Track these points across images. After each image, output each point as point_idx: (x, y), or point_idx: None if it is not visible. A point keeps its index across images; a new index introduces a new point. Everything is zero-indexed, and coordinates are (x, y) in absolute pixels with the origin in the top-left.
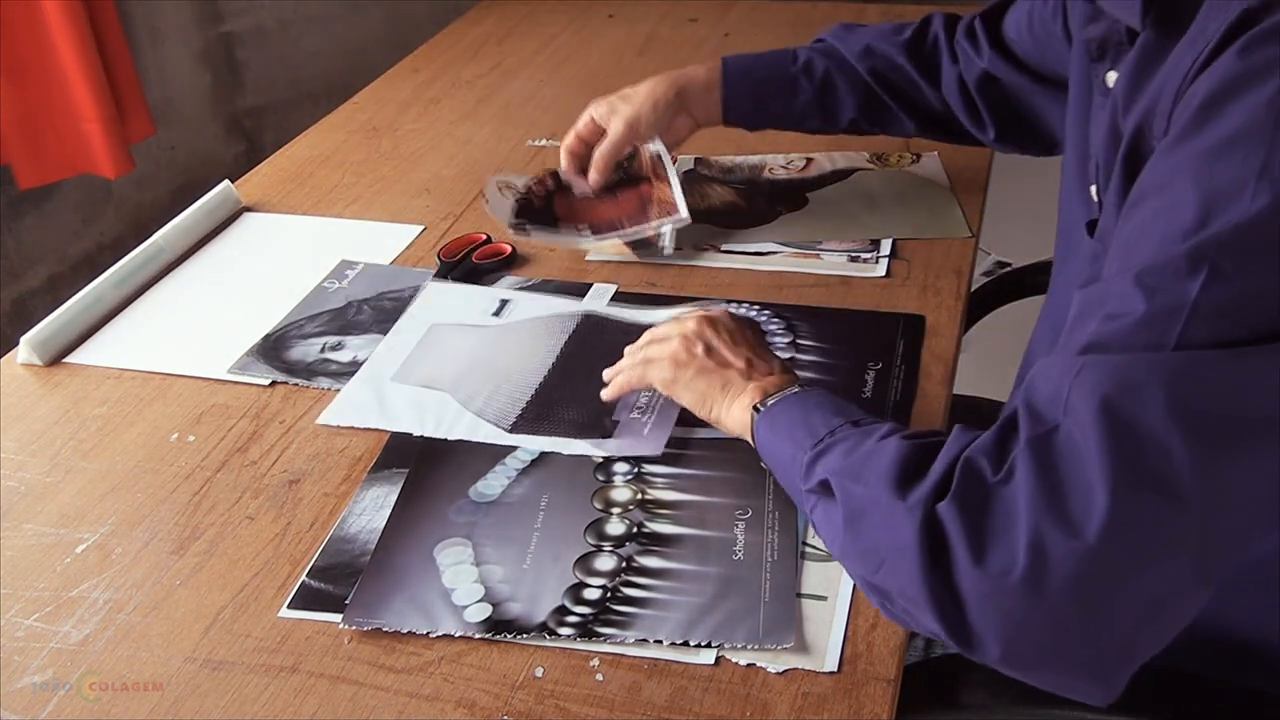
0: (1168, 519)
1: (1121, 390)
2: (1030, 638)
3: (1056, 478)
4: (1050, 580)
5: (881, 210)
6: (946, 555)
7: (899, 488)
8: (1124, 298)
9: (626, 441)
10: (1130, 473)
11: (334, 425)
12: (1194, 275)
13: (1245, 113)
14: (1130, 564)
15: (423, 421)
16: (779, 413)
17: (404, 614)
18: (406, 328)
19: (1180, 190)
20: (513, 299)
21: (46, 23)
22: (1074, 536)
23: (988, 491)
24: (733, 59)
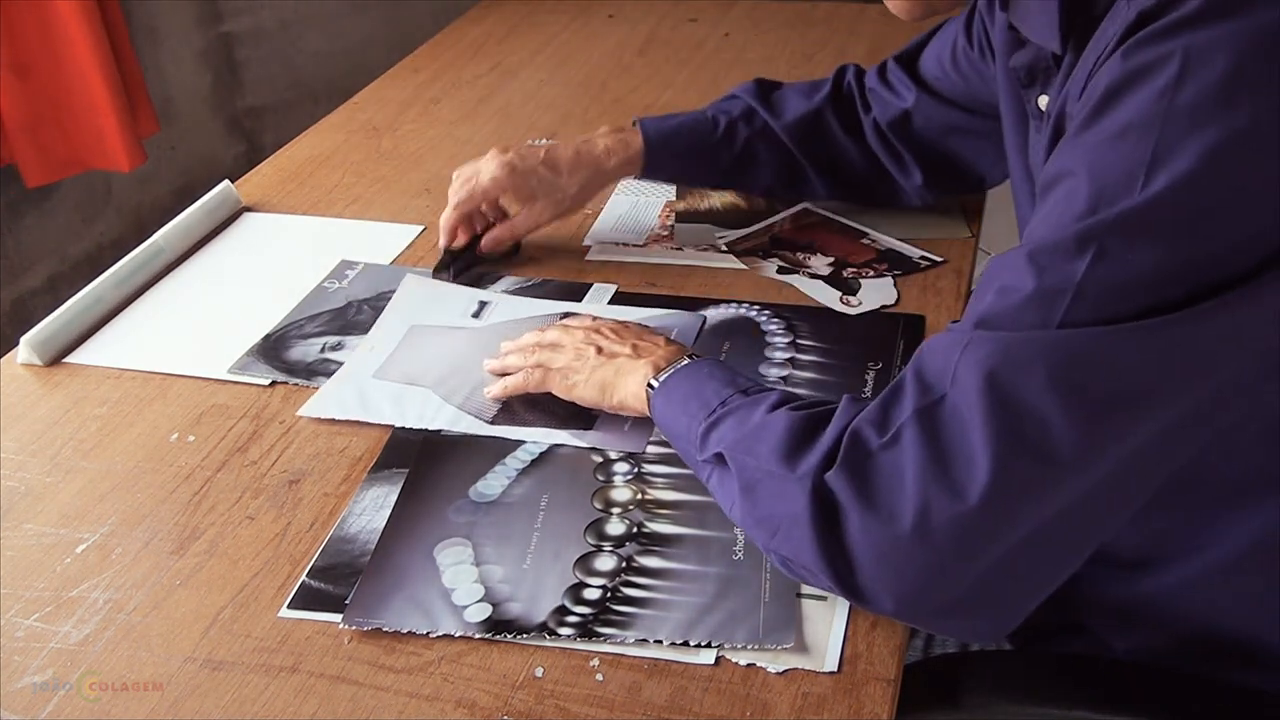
0: (1046, 484)
1: (1005, 364)
2: (920, 590)
3: (941, 446)
4: (936, 539)
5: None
6: (837, 520)
7: (789, 459)
8: (1016, 274)
9: (607, 436)
10: (1011, 442)
11: (315, 417)
12: (1081, 256)
13: (1136, 105)
14: (1009, 525)
15: (404, 414)
16: (672, 386)
17: (404, 614)
18: (387, 327)
19: (1077, 178)
20: (492, 301)
21: (59, 19)
22: (958, 500)
23: (873, 457)
24: (649, 127)
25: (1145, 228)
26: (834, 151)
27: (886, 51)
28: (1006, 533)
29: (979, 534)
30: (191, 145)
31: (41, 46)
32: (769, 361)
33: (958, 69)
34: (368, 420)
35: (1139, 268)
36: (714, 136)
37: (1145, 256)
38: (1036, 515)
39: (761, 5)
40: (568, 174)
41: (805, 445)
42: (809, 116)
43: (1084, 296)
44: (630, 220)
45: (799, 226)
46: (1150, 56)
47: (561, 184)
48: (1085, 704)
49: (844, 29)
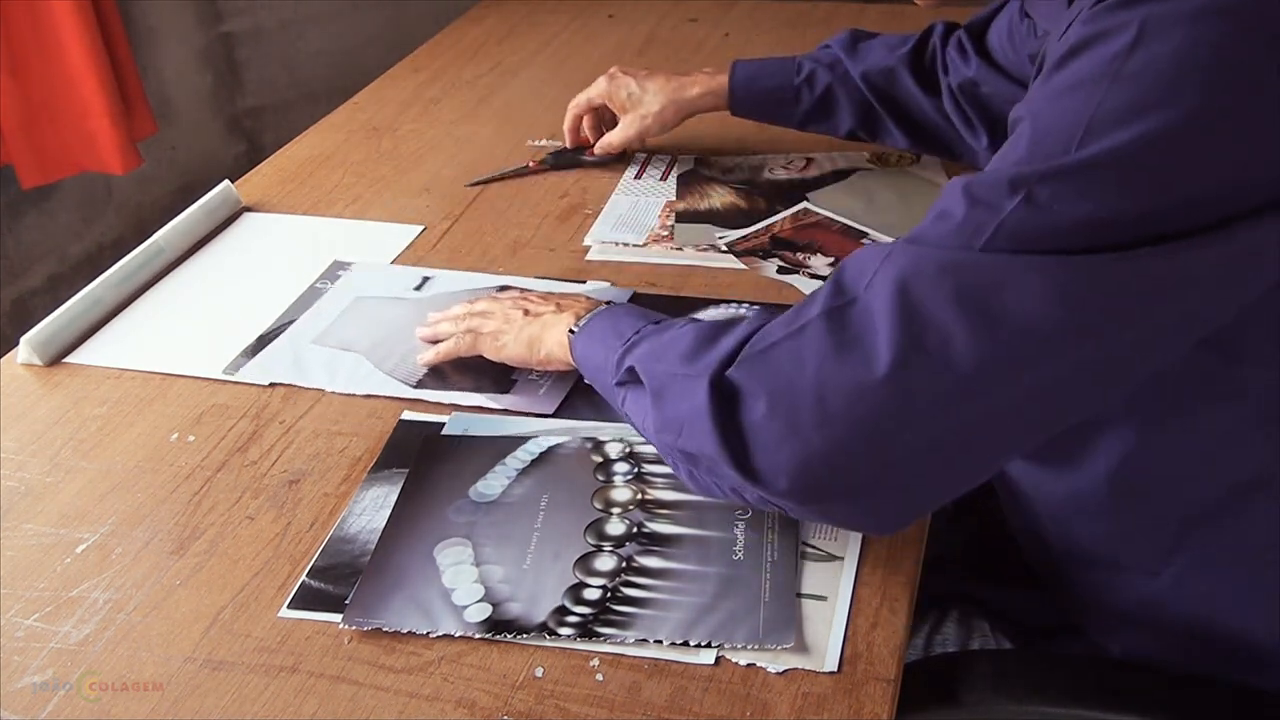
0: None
1: (918, 275)
2: (814, 471)
3: (847, 338)
4: (833, 416)
5: (881, 210)
6: (736, 406)
7: (692, 359)
8: (951, 201)
9: (522, 399)
10: (912, 343)
11: (248, 382)
12: (1010, 197)
13: (1088, 65)
14: (906, 412)
15: (334, 379)
16: (591, 328)
17: (404, 614)
18: (332, 299)
19: (1024, 124)
20: (434, 275)
21: (53, 20)
22: (859, 380)
23: (775, 347)
24: (740, 67)
25: (1072, 183)
26: (908, 106)
27: None
28: (900, 423)
29: (877, 413)
30: (191, 145)
31: (36, 48)
32: None
33: (1013, 44)
34: (299, 384)
35: (1060, 219)
36: (796, 78)
37: (1067, 209)
38: (931, 418)
39: (761, 5)
40: (653, 92)
41: (710, 345)
42: (886, 70)
43: (1004, 233)
44: (630, 220)
45: (799, 226)
46: (1111, 22)
47: (646, 100)
48: (1085, 704)
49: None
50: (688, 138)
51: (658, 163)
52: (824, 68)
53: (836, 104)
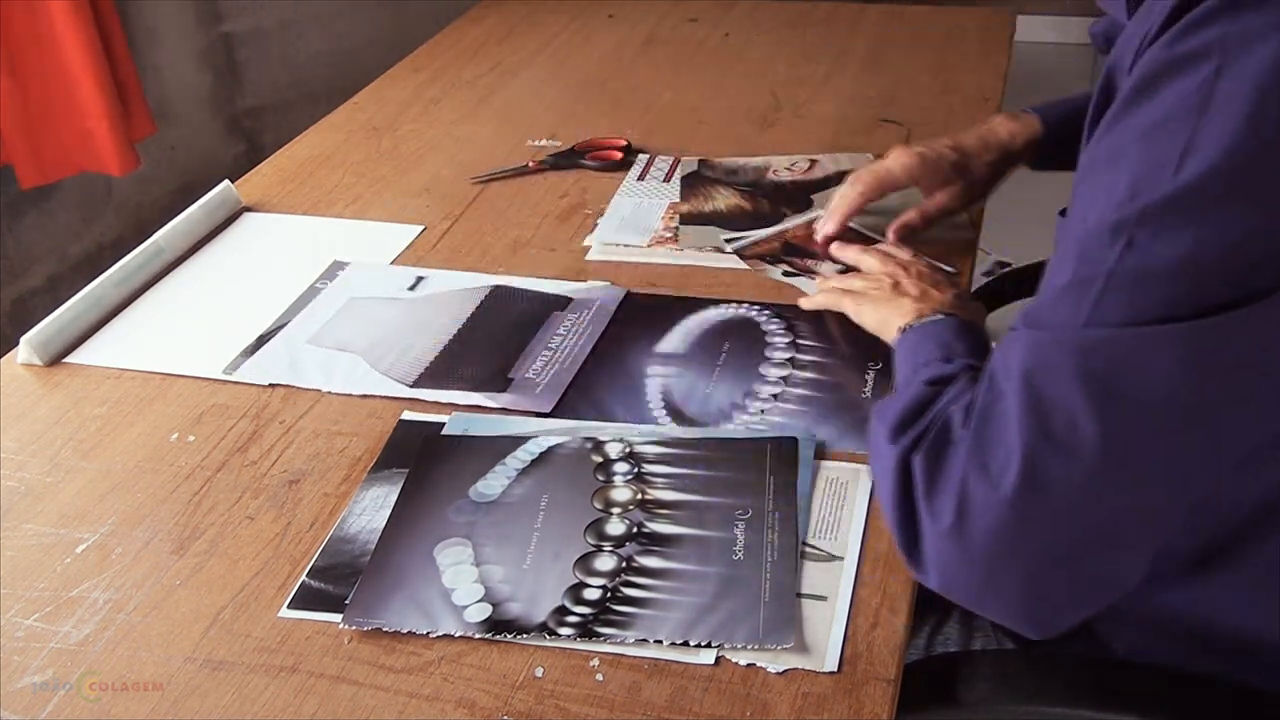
0: (1073, 478)
1: (1040, 363)
2: (957, 577)
3: (986, 439)
4: (971, 528)
5: (886, 211)
6: (910, 496)
7: (894, 432)
8: (1059, 266)
9: (520, 397)
10: (1040, 437)
11: (248, 382)
12: (1113, 246)
13: (1175, 96)
14: (1038, 519)
15: (330, 379)
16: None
17: (404, 614)
18: (327, 300)
19: (1117, 168)
20: (429, 275)
21: (51, 21)
22: (993, 490)
23: (948, 446)
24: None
25: (1170, 217)
26: None
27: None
28: (1038, 527)
29: (1011, 526)
30: (191, 145)
31: (35, 48)
32: (769, 361)
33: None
34: (297, 384)
35: (1167, 258)
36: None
37: (1172, 247)
38: (1067, 512)
39: (761, 5)
40: (977, 155)
41: (912, 422)
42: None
43: (1114, 286)
44: (634, 222)
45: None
46: (1192, 45)
47: (973, 166)
48: (1085, 703)
49: (844, 29)
50: (690, 140)
51: (660, 165)
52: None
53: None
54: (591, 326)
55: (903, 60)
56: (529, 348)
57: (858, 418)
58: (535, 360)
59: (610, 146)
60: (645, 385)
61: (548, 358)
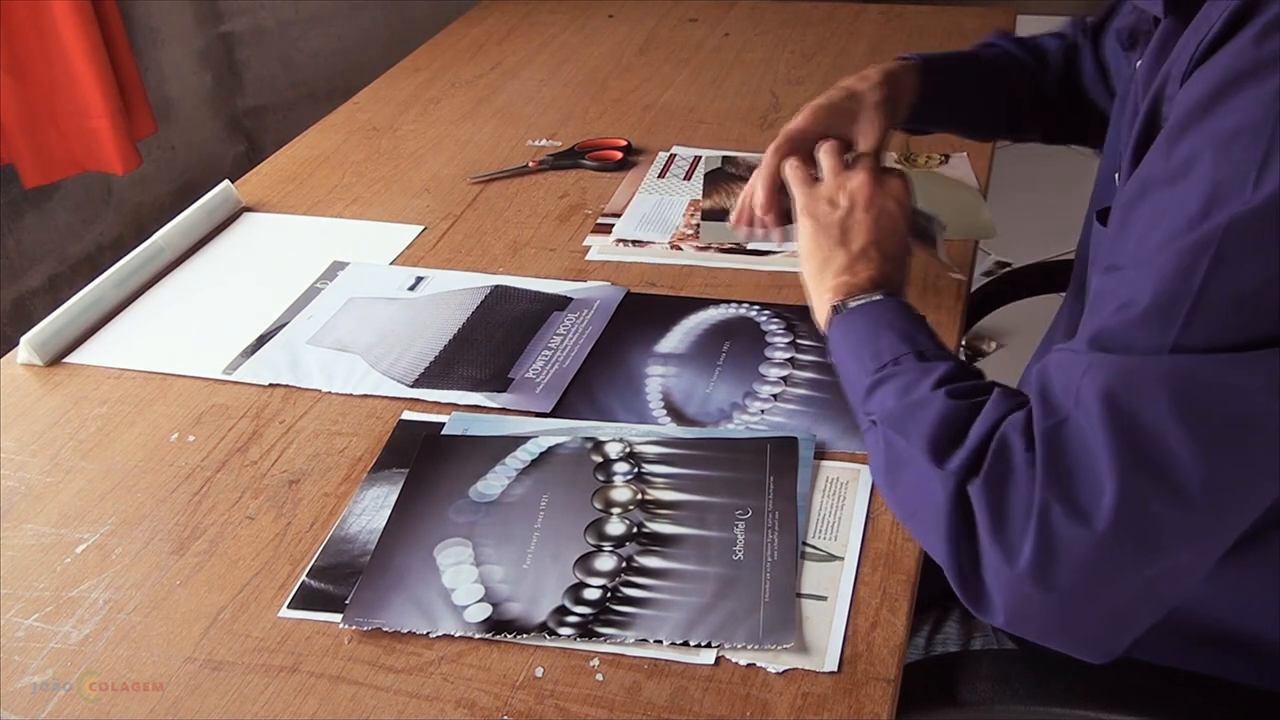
0: (1173, 513)
1: (1128, 390)
2: (1034, 615)
3: (1065, 468)
4: (1057, 567)
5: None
6: (971, 530)
7: (936, 452)
8: (1134, 287)
9: (519, 397)
10: (1137, 469)
11: (248, 382)
12: (1197, 266)
13: (1253, 104)
14: (1135, 554)
15: (331, 379)
16: (850, 325)
17: (404, 614)
18: (326, 300)
19: (1190, 180)
20: (428, 276)
21: (53, 20)
22: (1083, 525)
23: (1012, 475)
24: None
25: (1260, 234)
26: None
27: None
28: (1135, 563)
29: (1103, 563)
30: (191, 145)
31: (37, 48)
32: (769, 361)
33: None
34: (297, 384)
35: (1254, 277)
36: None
37: (1258, 266)
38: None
39: (761, 5)
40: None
41: (955, 441)
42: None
43: (1202, 308)
44: (655, 219)
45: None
46: (1265, 53)
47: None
48: (1085, 703)
49: (844, 29)
50: (690, 140)
51: (681, 162)
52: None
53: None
54: (591, 326)
55: None
56: (529, 348)
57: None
58: (535, 360)
59: (610, 146)
60: (645, 385)
61: (548, 358)
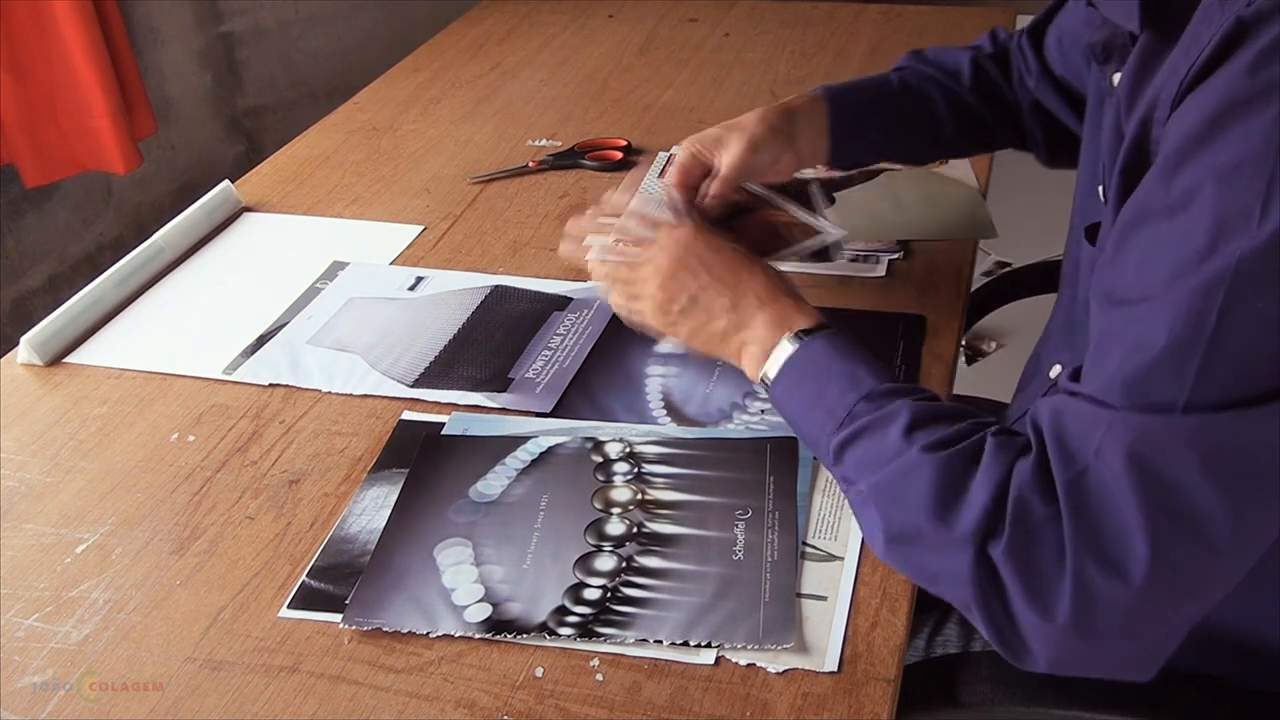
0: (1206, 563)
1: (1153, 451)
2: (1077, 661)
3: (1093, 523)
4: (1097, 618)
5: (909, 211)
6: (1002, 592)
7: (943, 515)
8: (1147, 326)
9: (519, 397)
10: (1169, 526)
11: (248, 382)
12: (1210, 307)
13: (1252, 134)
14: (1171, 600)
15: (331, 380)
16: (790, 386)
17: (404, 614)
18: (326, 300)
19: (1192, 213)
20: (428, 276)
21: (54, 20)
22: (1119, 578)
23: (1036, 536)
24: (832, 86)
25: (1266, 270)
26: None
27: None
28: (1173, 608)
29: (1141, 614)
30: (191, 145)
31: (38, 48)
32: None
33: (1062, 52)
34: (295, 384)
35: (1266, 318)
36: (891, 88)
37: (1270, 302)
38: (1198, 593)
39: (761, 5)
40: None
41: (958, 499)
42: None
43: (1217, 351)
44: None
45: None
46: (1265, 79)
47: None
48: (1084, 703)
49: (844, 29)
50: None
51: None
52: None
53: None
54: (591, 326)
55: None
56: (529, 348)
57: None
58: (535, 360)
59: (610, 146)
60: (645, 385)
61: (548, 358)
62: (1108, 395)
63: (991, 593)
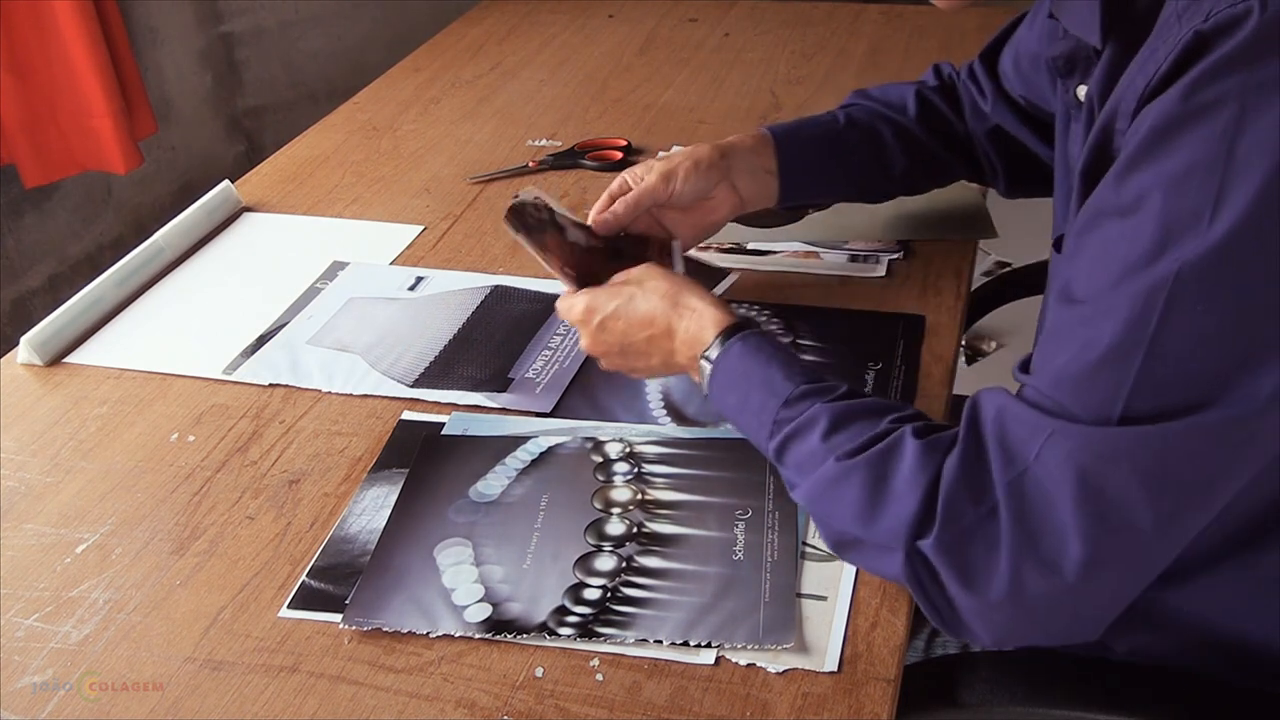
0: (1139, 553)
1: (1093, 460)
2: (1016, 637)
3: (1030, 522)
4: (1034, 609)
5: (909, 211)
6: (939, 582)
7: (869, 520)
8: (1093, 328)
9: (520, 397)
10: (1103, 530)
11: (248, 382)
12: (1150, 313)
13: (1198, 144)
14: (1105, 592)
15: (331, 380)
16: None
17: (404, 614)
18: (326, 300)
19: (1140, 216)
20: (428, 276)
21: (55, 20)
22: (1054, 575)
23: (968, 529)
24: (776, 125)
25: (1204, 281)
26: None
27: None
28: (1101, 599)
29: (1074, 604)
30: (191, 145)
31: (39, 48)
32: None
33: (1019, 70)
34: (295, 384)
35: (1209, 319)
36: (838, 125)
37: (1216, 306)
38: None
39: (761, 5)
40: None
41: (883, 502)
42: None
43: (1156, 354)
44: None
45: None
46: (1210, 95)
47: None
48: (1085, 704)
49: (844, 29)
50: (690, 140)
51: None
52: (858, 111)
53: (885, 142)
54: None
55: (902, 60)
56: (529, 348)
57: None
58: (535, 360)
59: (610, 146)
60: (645, 385)
61: (548, 358)
62: (1052, 392)
63: (929, 585)
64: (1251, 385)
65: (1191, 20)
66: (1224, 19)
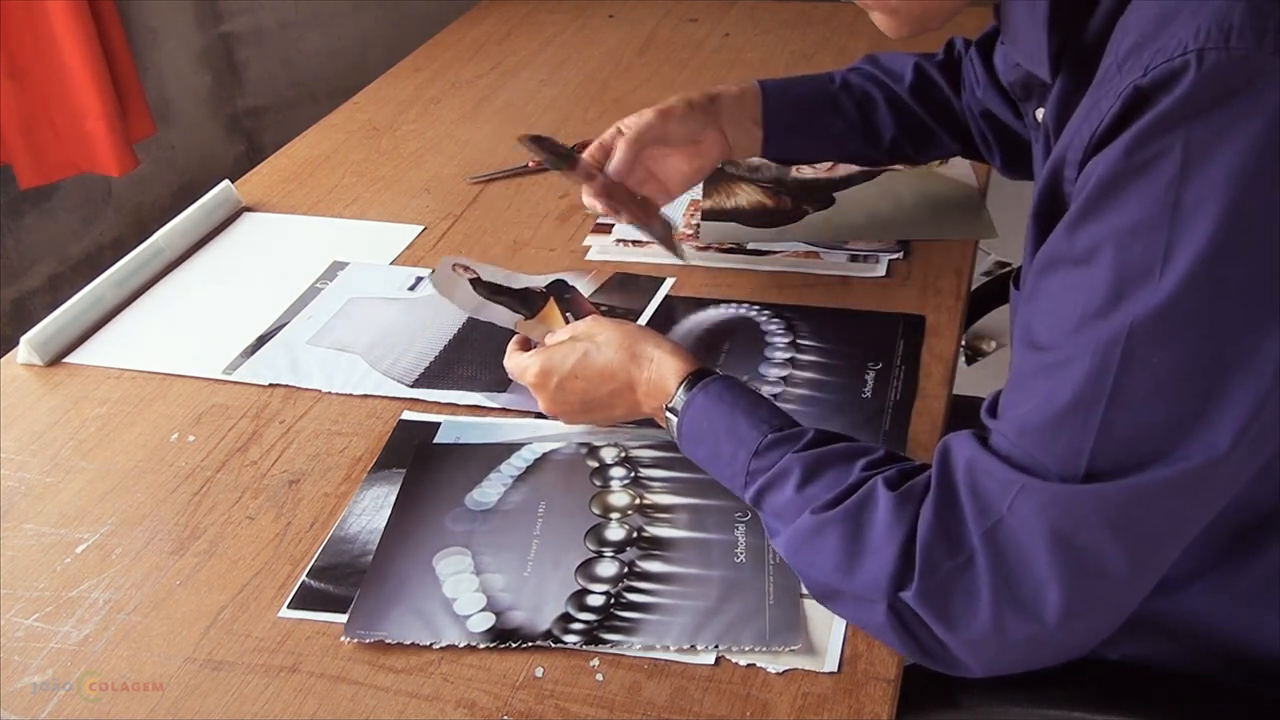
0: (1116, 594)
1: (1064, 516)
2: (1006, 668)
3: (1008, 572)
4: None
5: (909, 211)
6: (924, 629)
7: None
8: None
9: (519, 397)
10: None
11: (248, 382)
12: (1108, 368)
13: (1145, 199)
14: (1086, 629)
15: (330, 379)
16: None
17: (406, 625)
18: (326, 300)
19: (1094, 268)
20: (428, 276)
21: (50, 22)
22: (1034, 620)
23: (947, 578)
24: (768, 79)
25: (1165, 330)
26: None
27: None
28: (1081, 639)
29: (1056, 644)
30: (191, 145)
31: (35, 50)
32: (769, 361)
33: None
34: (295, 384)
35: (1163, 373)
36: (832, 86)
37: (1167, 358)
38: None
39: (761, 5)
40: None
41: (860, 556)
42: (922, 73)
43: (1116, 407)
44: None
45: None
46: (1152, 151)
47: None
48: (1084, 704)
49: (844, 29)
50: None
51: None
52: (856, 75)
53: (877, 109)
54: None
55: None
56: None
57: (858, 418)
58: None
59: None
60: None
61: None
62: (1019, 440)
63: (918, 630)
64: (1211, 434)
65: (1130, 74)
66: (1161, 74)
